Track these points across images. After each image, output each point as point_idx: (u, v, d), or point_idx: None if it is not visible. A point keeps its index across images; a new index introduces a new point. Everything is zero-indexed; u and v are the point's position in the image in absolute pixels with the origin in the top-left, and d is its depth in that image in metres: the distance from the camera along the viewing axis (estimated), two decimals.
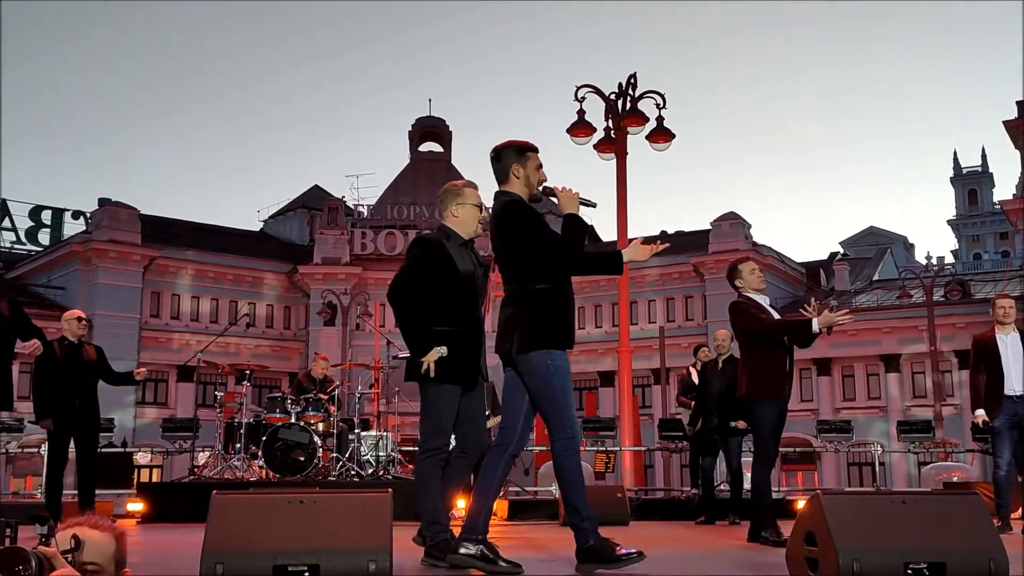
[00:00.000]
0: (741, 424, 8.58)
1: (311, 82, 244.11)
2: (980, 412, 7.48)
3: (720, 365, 9.18)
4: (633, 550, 3.95)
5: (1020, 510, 8.93)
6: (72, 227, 38.66)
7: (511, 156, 4.28)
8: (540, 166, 4.31)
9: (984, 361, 7.46)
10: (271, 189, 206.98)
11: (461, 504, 9.12)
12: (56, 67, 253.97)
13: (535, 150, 4.36)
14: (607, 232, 44.63)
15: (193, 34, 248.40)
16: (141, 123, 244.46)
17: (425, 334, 4.45)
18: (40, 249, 37.93)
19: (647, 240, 4.25)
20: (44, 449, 11.80)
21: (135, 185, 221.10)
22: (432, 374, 4.39)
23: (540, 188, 4.29)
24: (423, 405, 4.58)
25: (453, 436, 4.69)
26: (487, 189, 4.55)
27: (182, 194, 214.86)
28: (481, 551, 4.04)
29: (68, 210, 39.78)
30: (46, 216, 39.50)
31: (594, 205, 4.30)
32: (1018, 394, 7.27)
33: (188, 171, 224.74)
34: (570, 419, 4.10)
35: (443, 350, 4.41)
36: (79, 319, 7.78)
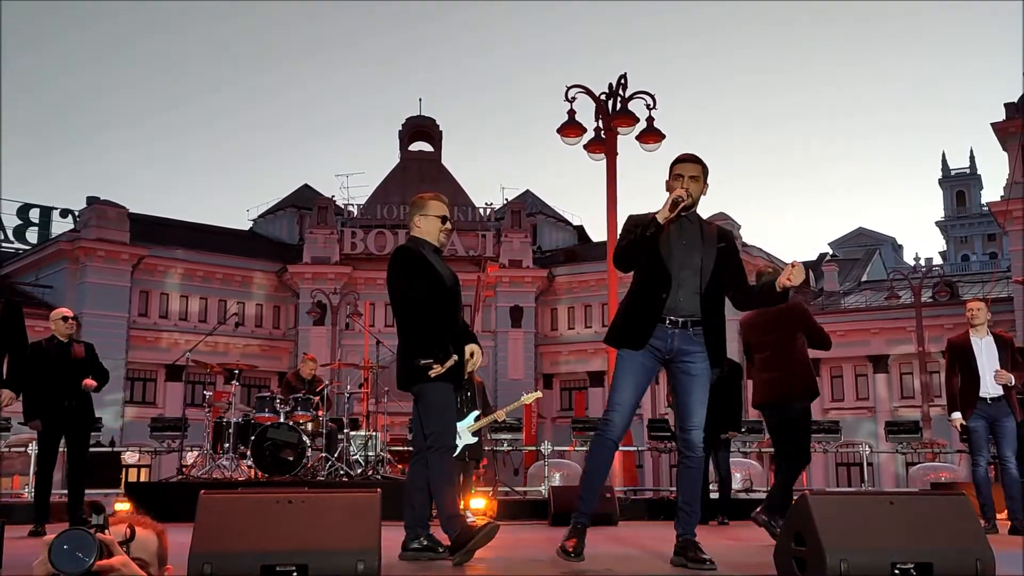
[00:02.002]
0: (732, 434, 8.71)
1: (301, 81, 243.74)
2: (957, 415, 7.56)
3: None
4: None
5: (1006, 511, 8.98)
6: (60, 225, 38.44)
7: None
8: (678, 175, 4.43)
9: (960, 364, 7.53)
10: (260, 188, 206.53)
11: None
12: (44, 65, 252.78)
13: (678, 161, 4.50)
14: (596, 232, 44.71)
15: (182, 33, 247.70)
16: (130, 121, 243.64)
17: (437, 340, 4.68)
18: (28, 247, 37.71)
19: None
20: (32, 448, 11.76)
21: (124, 184, 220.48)
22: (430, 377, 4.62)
23: (676, 195, 4.29)
24: (426, 405, 4.73)
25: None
26: (484, 189, 4.65)
27: (171, 193, 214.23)
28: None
29: (56, 208, 39.51)
30: (34, 214, 39.26)
31: (680, 201, 4.28)
32: (993, 396, 7.36)
33: (177, 170, 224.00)
34: (609, 405, 4.38)
35: (455, 357, 4.67)
36: (64, 318, 7.71)
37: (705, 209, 4.66)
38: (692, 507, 4.34)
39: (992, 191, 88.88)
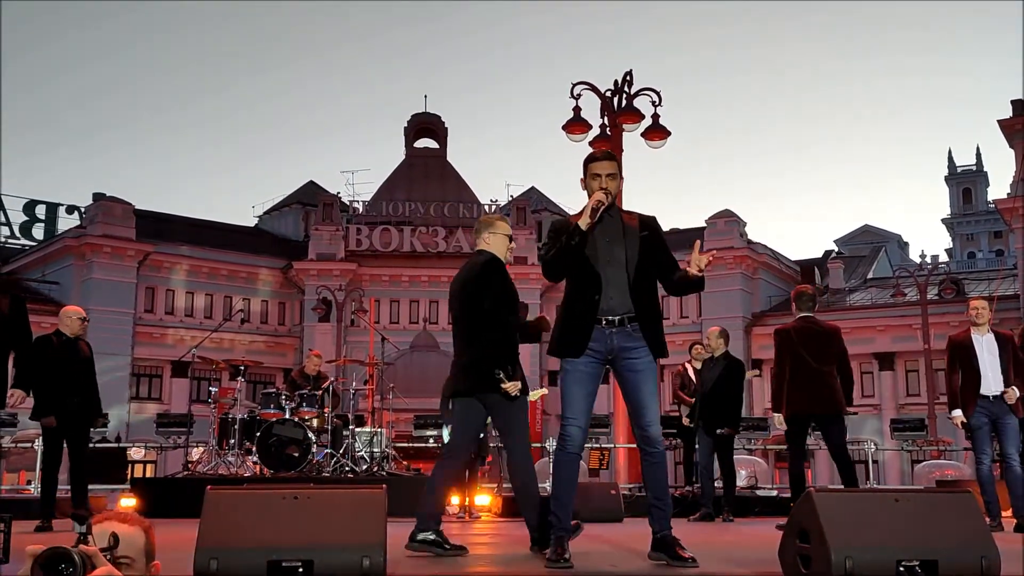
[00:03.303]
0: (729, 431, 8.79)
1: (307, 78, 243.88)
2: (957, 413, 7.59)
3: (713, 362, 9.20)
4: None
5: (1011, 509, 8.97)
6: (66, 222, 38.53)
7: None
8: (595, 175, 4.36)
9: (961, 361, 7.56)
10: (266, 185, 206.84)
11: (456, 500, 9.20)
12: (51, 62, 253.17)
13: (592, 159, 4.46)
14: None
15: (189, 30, 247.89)
16: (136, 118, 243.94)
17: (513, 355, 5.00)
18: (34, 244, 37.78)
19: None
20: (38, 444, 11.79)
21: (130, 180, 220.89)
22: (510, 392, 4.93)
23: (595, 201, 4.28)
24: (514, 417, 5.05)
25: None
26: (489, 186, 4.73)
27: (177, 189, 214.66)
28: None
29: (62, 205, 39.59)
30: (40, 211, 39.33)
31: (601, 206, 4.27)
32: (994, 394, 7.39)
33: (183, 167, 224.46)
34: (564, 419, 4.34)
35: (519, 384, 4.93)
36: (83, 319, 7.73)
37: (711, 206, 4.69)
38: (663, 502, 4.31)
39: (998, 188, 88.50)
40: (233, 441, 10.36)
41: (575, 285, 4.35)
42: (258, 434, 10.03)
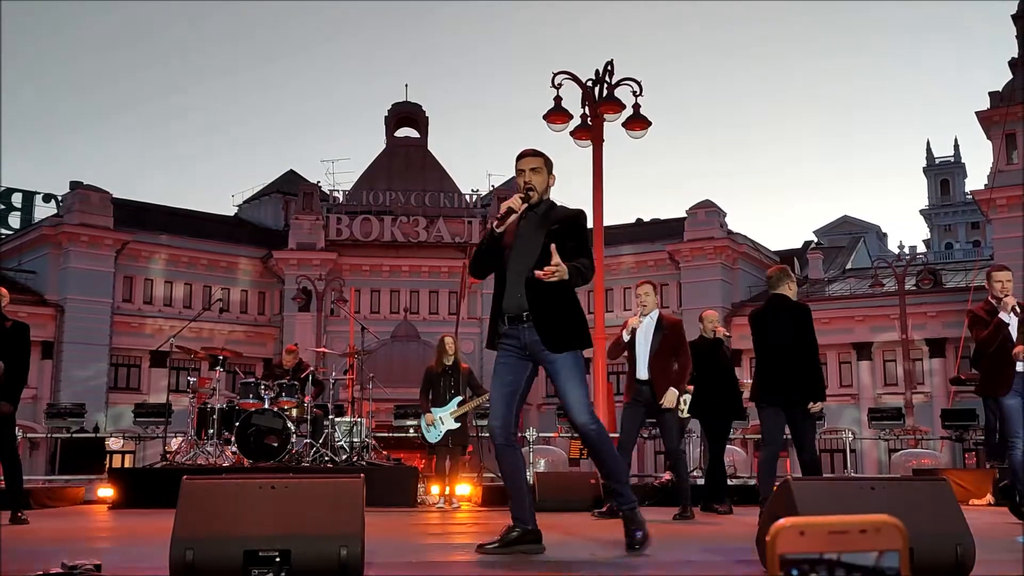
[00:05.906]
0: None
1: (287, 66, 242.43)
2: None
3: (712, 344, 9.00)
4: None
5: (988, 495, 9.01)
6: (43, 210, 38.24)
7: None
8: (520, 171, 4.52)
9: (991, 332, 6.58)
10: (246, 174, 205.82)
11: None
12: (29, 49, 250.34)
13: (518, 158, 4.60)
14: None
15: (168, 18, 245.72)
16: (115, 106, 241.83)
17: None
18: (10, 232, 37.47)
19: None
20: None
21: (108, 168, 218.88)
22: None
23: (506, 205, 4.41)
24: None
25: None
26: (470, 175, 4.68)
27: (156, 178, 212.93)
28: None
29: (39, 193, 39.33)
30: (16, 199, 39.03)
31: (513, 211, 4.39)
32: None
33: (162, 155, 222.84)
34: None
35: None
36: None
37: (692, 196, 4.71)
38: (620, 483, 4.54)
39: (976, 180, 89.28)
40: (212, 431, 10.30)
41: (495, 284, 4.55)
42: (237, 424, 9.98)
